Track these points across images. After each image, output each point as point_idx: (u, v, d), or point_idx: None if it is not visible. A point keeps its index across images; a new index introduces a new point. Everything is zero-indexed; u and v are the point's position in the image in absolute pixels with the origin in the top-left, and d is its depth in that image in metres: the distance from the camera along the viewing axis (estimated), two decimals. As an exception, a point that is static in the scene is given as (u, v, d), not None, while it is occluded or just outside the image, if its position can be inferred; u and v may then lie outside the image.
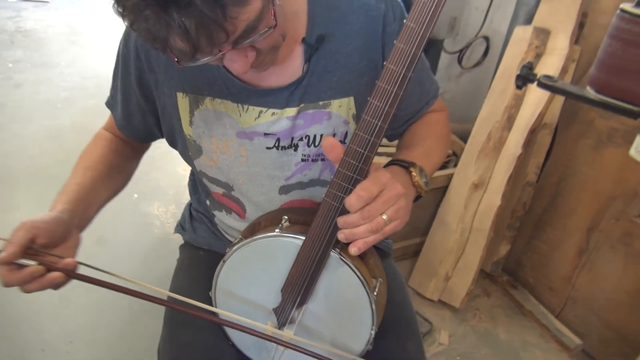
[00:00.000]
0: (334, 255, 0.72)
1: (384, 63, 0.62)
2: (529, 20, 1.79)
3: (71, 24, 3.86)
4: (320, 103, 0.80)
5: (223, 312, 0.78)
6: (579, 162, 1.64)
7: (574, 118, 1.65)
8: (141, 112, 0.87)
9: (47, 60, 3.22)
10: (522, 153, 1.64)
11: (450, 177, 1.79)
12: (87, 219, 0.80)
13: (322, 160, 0.84)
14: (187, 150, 0.87)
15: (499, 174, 1.68)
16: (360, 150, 0.65)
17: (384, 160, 1.78)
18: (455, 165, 1.83)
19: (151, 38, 0.55)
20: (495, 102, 1.73)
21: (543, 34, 1.64)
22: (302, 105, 0.79)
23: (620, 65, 0.98)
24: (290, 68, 0.78)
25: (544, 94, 1.61)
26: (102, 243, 1.90)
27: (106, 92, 0.94)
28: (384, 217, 0.64)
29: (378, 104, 0.63)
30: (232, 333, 0.86)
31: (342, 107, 0.80)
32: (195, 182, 1.05)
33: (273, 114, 0.79)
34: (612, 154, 1.54)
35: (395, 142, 0.98)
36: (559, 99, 1.64)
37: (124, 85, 0.86)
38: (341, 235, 0.66)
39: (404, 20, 0.60)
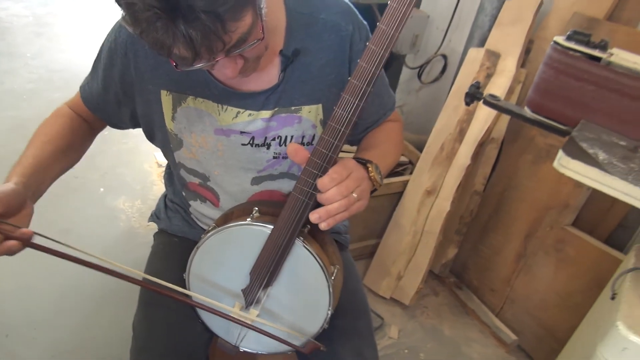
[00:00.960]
0: (298, 242, 0.83)
1: (349, 78, 0.73)
2: (482, 43, 1.95)
3: (37, 15, 3.81)
4: (293, 108, 0.90)
5: (194, 295, 0.86)
6: (521, 175, 1.80)
7: (517, 135, 1.81)
8: (117, 102, 0.94)
9: (13, 51, 3.19)
10: (470, 164, 1.79)
11: (405, 184, 1.93)
12: (40, 191, 0.84)
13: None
14: (168, 143, 0.95)
15: (449, 182, 1.83)
16: (325, 151, 0.75)
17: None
18: (411, 173, 1.97)
19: (158, 46, 0.63)
20: (449, 116, 1.87)
21: (494, 56, 1.80)
22: (276, 109, 0.89)
23: (551, 90, 1.14)
24: (268, 76, 0.88)
25: (492, 111, 1.77)
26: (67, 234, 1.93)
27: (73, 86, 0.98)
28: (354, 195, 0.74)
29: (342, 112, 0.74)
30: (202, 312, 0.95)
31: (311, 113, 0.91)
32: (172, 175, 1.13)
33: (249, 114, 0.89)
34: (549, 168, 1.71)
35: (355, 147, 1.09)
36: (505, 117, 1.81)
37: (105, 76, 0.92)
38: (315, 215, 0.75)
39: (367, 43, 0.71)
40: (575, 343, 1.39)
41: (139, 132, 2.22)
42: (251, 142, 0.91)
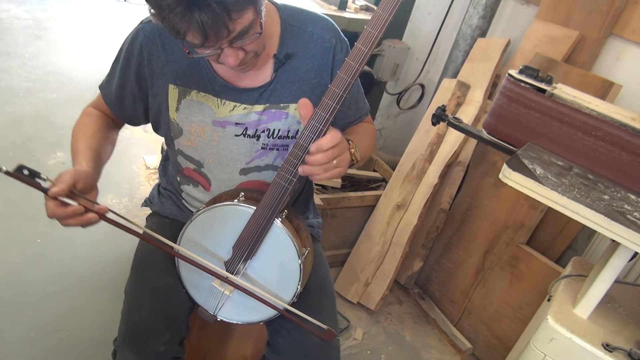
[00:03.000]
0: (276, 223, 0.96)
1: (329, 85, 0.88)
2: (455, 75, 2.14)
3: (37, 19, 3.93)
4: (281, 105, 1.05)
5: (187, 252, 0.98)
6: (483, 195, 1.97)
7: (482, 159, 1.99)
8: (133, 98, 1.08)
9: (11, 50, 3.29)
10: (438, 183, 1.96)
11: (378, 198, 2.08)
12: (98, 177, 0.98)
13: (277, 150, 1.08)
14: (170, 131, 1.08)
15: (418, 198, 1.99)
16: (305, 145, 0.90)
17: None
18: (384, 188, 2.13)
19: (175, 30, 0.78)
20: (421, 138, 2.05)
21: (464, 87, 1.99)
22: (267, 104, 1.04)
23: (504, 115, 1.32)
24: (262, 75, 1.03)
25: (461, 136, 1.95)
26: (56, 225, 2.01)
27: (68, 88, 1.13)
28: (334, 162, 0.88)
29: (322, 113, 0.89)
30: (186, 281, 1.07)
31: (297, 111, 1.06)
32: (166, 167, 1.26)
33: (245, 108, 1.03)
34: (508, 191, 1.88)
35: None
36: (472, 143, 1.98)
37: (122, 74, 1.06)
38: (301, 170, 0.88)
39: (346, 58, 0.86)
40: (515, 350, 1.53)
41: (129, 135, 2.49)
42: (244, 132, 1.05)
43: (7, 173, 0.83)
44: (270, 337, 1.10)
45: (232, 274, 1.00)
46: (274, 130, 1.06)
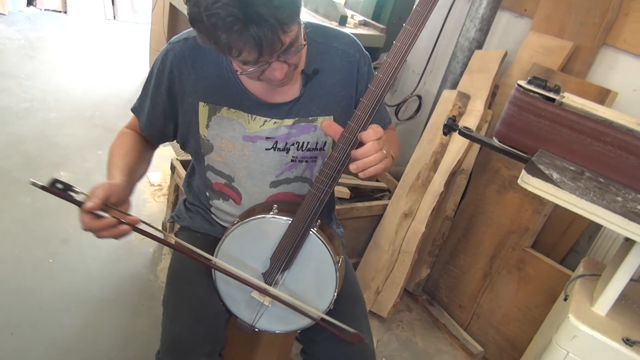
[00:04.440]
0: (312, 233, 1.00)
1: (361, 99, 0.92)
2: (454, 86, 2.21)
3: (29, 39, 3.93)
4: (310, 118, 1.09)
5: (226, 265, 1.01)
6: (487, 202, 2.03)
7: (485, 167, 2.05)
8: (164, 117, 1.11)
9: (6, 71, 3.29)
10: (443, 191, 2.01)
11: (385, 207, 2.12)
12: (132, 191, 1.01)
13: (306, 162, 1.12)
14: (200, 148, 1.11)
15: (424, 206, 2.04)
16: (340, 157, 0.94)
17: (343, 188, 2.09)
18: (389, 199, 2.17)
19: (229, 49, 0.81)
20: (425, 148, 2.10)
21: (465, 98, 2.05)
22: (296, 118, 1.08)
23: (515, 123, 1.38)
24: (292, 90, 1.07)
25: (464, 145, 2.01)
26: (67, 243, 2.02)
27: (66, 108, 1.18)
28: (384, 151, 0.90)
29: (355, 125, 0.93)
30: (223, 294, 1.09)
31: None
32: (191, 182, 1.29)
33: (275, 122, 1.07)
34: (512, 197, 1.94)
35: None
36: (474, 150, 2.04)
37: (154, 94, 1.09)
38: (353, 166, 0.89)
39: (377, 72, 0.91)
40: (531, 350, 1.58)
41: None
42: (274, 146, 1.09)
43: (43, 187, 0.85)
44: (305, 345, 1.13)
45: (270, 284, 1.03)
46: (303, 143, 1.10)
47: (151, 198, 2.45)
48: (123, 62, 4.08)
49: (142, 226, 0.92)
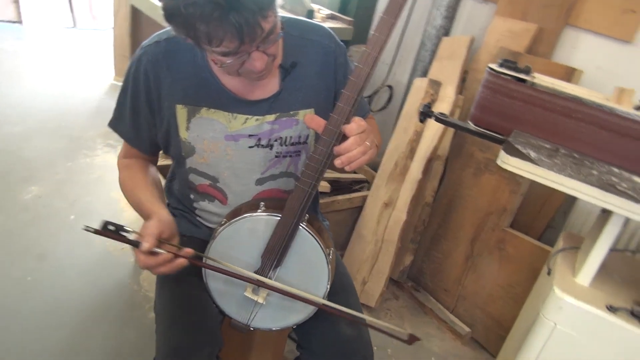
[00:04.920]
0: (302, 228, 1.00)
1: (342, 90, 0.92)
2: (424, 74, 2.24)
3: (-16, 53, 3.80)
4: (291, 112, 1.09)
5: (219, 262, 1.00)
6: (464, 186, 2.06)
7: (459, 151, 2.08)
8: (148, 124, 1.09)
9: (-36, 86, 3.17)
10: (421, 178, 2.04)
11: (365, 198, 2.14)
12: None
13: (290, 157, 1.12)
14: (181, 151, 1.10)
15: (404, 194, 2.06)
16: (325, 150, 0.94)
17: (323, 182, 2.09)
18: (369, 189, 2.19)
19: (210, 39, 0.80)
20: (401, 137, 2.13)
21: (436, 85, 2.08)
22: (278, 114, 1.07)
23: (489, 106, 1.40)
24: (270, 85, 1.07)
25: (438, 131, 2.04)
26: (43, 258, 1.96)
27: (30, 120, 1.15)
28: (367, 143, 0.91)
29: (338, 117, 0.93)
30: (216, 295, 1.08)
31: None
32: (171, 187, 1.27)
33: (257, 119, 1.07)
34: (488, 179, 1.98)
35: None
36: (449, 136, 2.08)
37: (133, 103, 1.07)
38: (338, 162, 0.89)
39: (357, 63, 0.91)
40: (517, 326, 1.62)
41: (102, 162, 2.47)
42: (257, 143, 1.08)
43: (96, 232, 0.88)
44: (301, 339, 1.13)
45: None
46: (286, 138, 1.10)
47: (127, 207, 2.40)
48: (86, 69, 3.98)
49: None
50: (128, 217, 2.32)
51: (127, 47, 3.53)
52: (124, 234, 0.88)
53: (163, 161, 2.03)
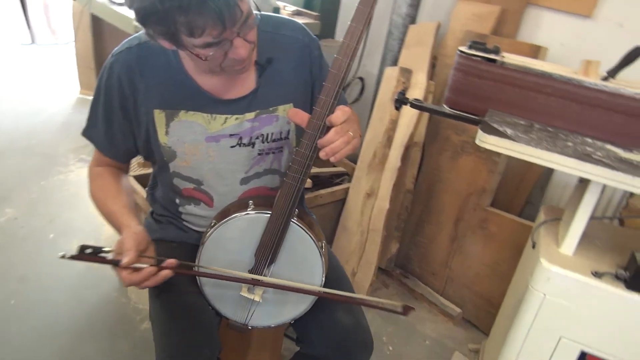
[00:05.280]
0: (293, 223, 1.00)
1: (323, 83, 0.93)
2: (394, 63, 2.26)
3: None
4: (270, 109, 1.09)
5: (211, 268, 1.00)
6: (443, 170, 2.10)
7: (435, 136, 2.12)
8: (122, 132, 1.08)
9: None
10: (400, 166, 2.06)
11: (347, 191, 2.15)
12: None
13: (273, 153, 1.12)
14: (163, 156, 1.08)
15: (385, 183, 2.08)
16: (310, 143, 0.94)
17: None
18: (350, 182, 2.20)
19: (191, 29, 0.80)
20: (377, 127, 2.14)
21: (407, 73, 2.11)
22: (257, 111, 1.07)
23: (462, 88, 1.43)
24: (247, 83, 1.06)
25: (413, 118, 2.06)
26: (25, 280, 1.92)
27: None
28: (350, 133, 0.91)
29: (320, 110, 0.94)
30: (211, 298, 1.08)
31: (285, 111, 1.10)
32: (154, 194, 1.26)
33: (237, 118, 1.06)
34: (465, 161, 2.02)
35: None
36: (424, 123, 2.10)
37: (106, 111, 1.05)
38: (323, 154, 0.90)
39: (336, 54, 0.92)
40: (507, 301, 1.66)
41: (76, 178, 2.45)
42: (239, 142, 1.08)
43: (72, 257, 0.86)
44: (300, 333, 1.14)
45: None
46: (268, 134, 1.10)
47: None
48: (50, 85, 3.89)
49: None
50: (108, 232, 2.28)
51: (91, 59, 3.47)
52: (103, 254, 0.86)
53: (142, 170, 2.00)
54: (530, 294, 1.26)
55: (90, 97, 1.09)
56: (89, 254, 0.86)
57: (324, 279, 1.05)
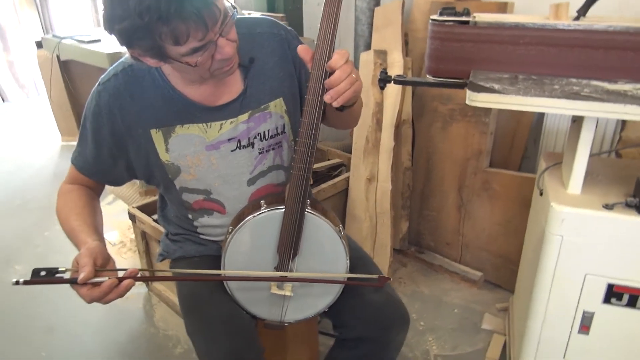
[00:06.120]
0: (308, 213, 1.02)
1: (307, 84, 0.93)
2: (368, 47, 2.28)
3: None
4: (262, 107, 1.10)
5: (237, 272, 1.01)
6: (436, 141, 2.12)
7: (422, 110, 2.14)
8: (112, 158, 1.08)
9: None
10: (395, 145, 2.08)
11: (347, 180, 2.17)
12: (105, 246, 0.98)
13: (273, 149, 1.14)
14: (167, 174, 1.09)
15: (383, 165, 2.10)
16: (307, 141, 0.95)
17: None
18: (348, 171, 2.22)
19: (173, 39, 0.81)
20: (363, 113, 2.16)
21: (382, 54, 2.13)
22: (250, 111, 1.09)
23: (442, 55, 1.45)
24: (235, 86, 1.07)
25: (397, 97, 2.08)
26: (53, 330, 1.92)
27: None
28: (353, 75, 0.90)
29: (311, 109, 0.95)
30: (244, 302, 1.09)
31: (276, 106, 1.12)
32: (166, 215, 1.27)
33: (231, 122, 1.08)
34: (456, 128, 2.04)
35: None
36: (409, 99, 2.13)
37: (95, 138, 1.06)
38: (327, 97, 0.89)
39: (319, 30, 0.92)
40: (525, 254, 1.68)
41: None
42: (239, 145, 1.09)
43: (26, 282, 0.84)
44: (335, 320, 1.16)
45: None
46: (265, 132, 1.11)
47: (118, 257, 2.36)
48: (31, 140, 3.88)
49: (141, 273, 0.91)
50: (122, 266, 2.28)
51: (67, 106, 3.46)
52: (59, 275, 0.85)
53: (144, 200, 2.01)
54: (547, 240, 1.28)
55: (74, 143, 1.09)
56: (44, 276, 0.84)
57: (348, 262, 1.06)
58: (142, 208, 1.94)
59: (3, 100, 4.85)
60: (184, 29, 0.81)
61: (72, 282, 0.84)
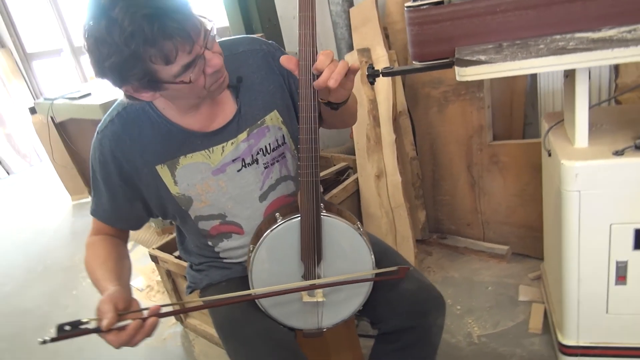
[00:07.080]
0: (324, 216, 1.02)
1: (298, 90, 0.95)
2: (350, 48, 2.30)
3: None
4: (259, 122, 1.11)
5: (267, 289, 1.02)
6: (435, 125, 2.13)
7: (416, 98, 2.15)
8: (128, 201, 1.10)
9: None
10: (396, 138, 2.09)
11: (356, 181, 2.18)
12: (129, 291, 1.00)
13: (277, 161, 1.15)
14: (180, 207, 1.11)
15: (389, 160, 2.10)
16: (309, 146, 0.96)
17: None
18: (355, 172, 2.23)
19: (164, 60, 0.83)
20: (360, 112, 2.17)
21: (366, 52, 2.15)
22: (248, 129, 1.10)
23: (424, 39, 1.46)
24: (228, 107, 1.09)
25: (389, 91, 2.09)
26: None
27: (14, 274, 1.15)
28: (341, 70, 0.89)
29: (306, 114, 0.96)
30: (280, 317, 1.10)
31: (272, 119, 1.13)
32: (186, 247, 1.28)
33: (232, 143, 1.09)
34: (452, 109, 2.05)
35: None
36: (400, 91, 2.14)
37: (107, 186, 1.08)
38: (322, 94, 0.93)
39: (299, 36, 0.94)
40: (547, 218, 1.67)
41: None
42: (244, 164, 1.10)
43: (53, 340, 0.85)
44: (372, 317, 1.15)
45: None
46: (266, 147, 1.12)
47: (147, 300, 2.37)
48: (42, 206, 3.93)
49: (165, 309, 0.92)
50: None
51: (70, 164, 3.51)
52: (84, 326, 0.85)
53: (163, 240, 2.03)
54: (565, 198, 1.28)
55: (85, 200, 1.11)
56: (69, 330, 0.84)
57: (373, 258, 1.06)
58: (162, 248, 1.95)
59: (8, 173, 4.93)
60: (171, 46, 0.83)
61: (97, 331, 0.85)
